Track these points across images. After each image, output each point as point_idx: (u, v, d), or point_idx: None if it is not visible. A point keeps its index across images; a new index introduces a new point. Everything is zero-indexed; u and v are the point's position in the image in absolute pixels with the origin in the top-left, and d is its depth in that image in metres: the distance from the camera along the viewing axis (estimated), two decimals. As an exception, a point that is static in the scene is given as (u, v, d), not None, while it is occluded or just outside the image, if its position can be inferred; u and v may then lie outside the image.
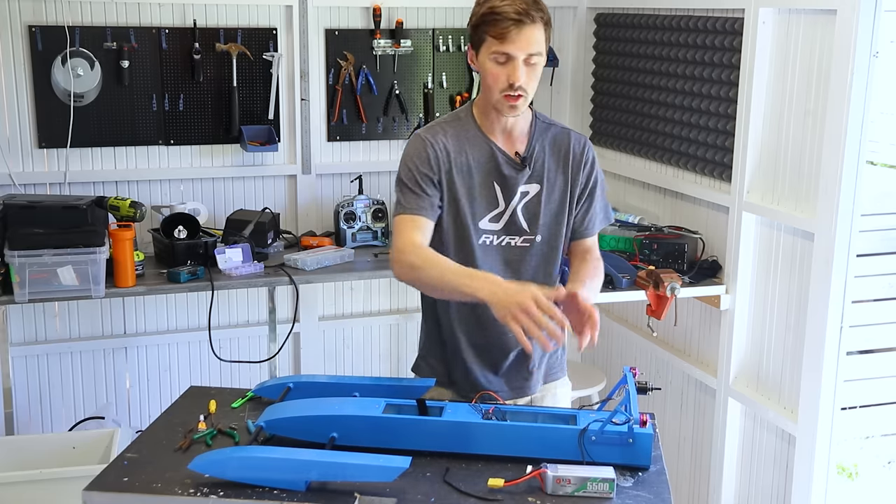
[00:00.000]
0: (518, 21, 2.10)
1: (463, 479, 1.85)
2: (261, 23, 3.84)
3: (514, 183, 2.26)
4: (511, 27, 2.10)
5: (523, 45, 2.12)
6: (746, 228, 3.24)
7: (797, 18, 3.00)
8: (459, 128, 2.29)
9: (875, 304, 4.54)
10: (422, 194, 2.21)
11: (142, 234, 3.60)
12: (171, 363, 4.00)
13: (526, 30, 2.11)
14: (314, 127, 3.96)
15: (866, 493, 4.37)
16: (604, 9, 4.08)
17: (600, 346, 4.29)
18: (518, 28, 2.10)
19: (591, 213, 2.35)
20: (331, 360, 4.21)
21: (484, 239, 2.28)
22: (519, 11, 2.10)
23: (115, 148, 3.74)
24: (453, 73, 4.09)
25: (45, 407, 3.86)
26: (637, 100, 3.86)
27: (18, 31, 3.54)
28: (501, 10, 2.10)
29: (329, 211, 3.99)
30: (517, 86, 2.15)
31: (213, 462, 1.79)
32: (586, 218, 2.35)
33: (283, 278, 3.39)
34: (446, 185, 2.24)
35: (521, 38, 2.11)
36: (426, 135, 2.26)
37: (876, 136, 5.21)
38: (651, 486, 1.85)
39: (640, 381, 2.01)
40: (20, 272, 3.07)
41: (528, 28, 2.11)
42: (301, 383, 2.17)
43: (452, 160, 2.24)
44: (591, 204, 2.34)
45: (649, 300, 3.29)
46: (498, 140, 2.28)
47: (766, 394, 3.24)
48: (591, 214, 2.35)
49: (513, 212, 2.27)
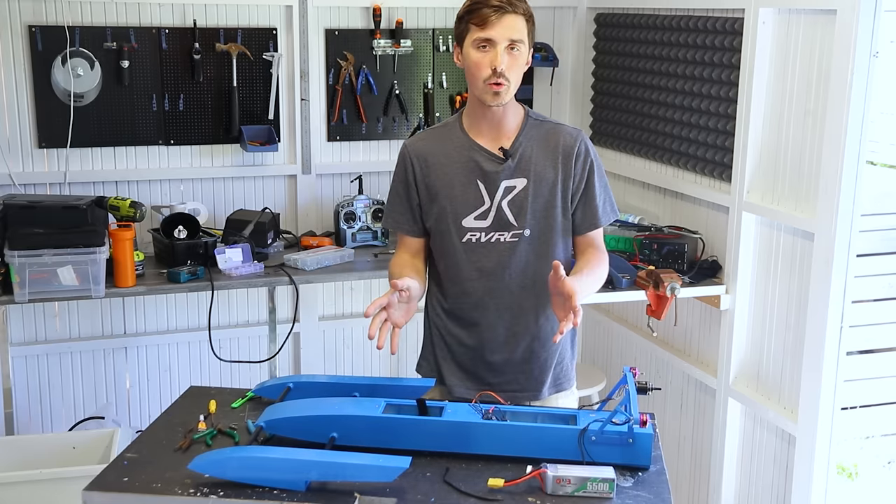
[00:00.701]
0: (499, 8, 2.17)
1: (463, 479, 1.85)
2: (261, 23, 3.84)
3: (496, 178, 2.28)
4: (492, 13, 2.17)
5: (505, 31, 2.18)
6: (746, 228, 3.24)
7: (797, 18, 3.00)
8: (444, 132, 2.36)
9: (875, 304, 4.54)
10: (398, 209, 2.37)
11: (142, 234, 3.60)
12: (171, 363, 4.00)
13: (507, 17, 2.18)
14: (314, 127, 3.96)
15: (866, 493, 4.37)
16: (604, 9, 4.08)
17: (600, 346, 4.29)
18: (499, 15, 2.17)
19: (591, 207, 2.34)
20: (331, 360, 4.21)
21: (469, 237, 2.30)
22: (501, 1, 2.17)
23: (115, 148, 3.74)
24: (453, 73, 4.09)
25: (45, 407, 3.86)
26: (637, 100, 3.86)
27: (18, 31, 3.54)
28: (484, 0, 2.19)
29: (329, 211, 3.99)
30: (499, 71, 2.18)
31: (213, 462, 1.79)
32: (586, 212, 2.34)
33: (283, 278, 3.39)
34: (425, 191, 2.33)
35: (502, 24, 2.18)
36: (405, 146, 2.39)
37: (876, 136, 5.21)
38: (651, 486, 1.85)
39: (640, 381, 2.01)
40: (20, 272, 3.07)
41: (509, 15, 2.18)
42: (301, 383, 2.17)
43: (430, 165, 2.32)
44: (588, 197, 2.33)
45: (649, 300, 3.29)
46: (485, 139, 2.31)
47: (766, 394, 3.24)
48: (590, 208, 2.34)
49: (498, 207, 2.29)
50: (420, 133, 2.43)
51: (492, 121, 2.28)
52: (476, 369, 2.37)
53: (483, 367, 2.36)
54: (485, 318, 2.33)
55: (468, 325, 2.35)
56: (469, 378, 2.37)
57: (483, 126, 2.30)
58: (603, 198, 2.36)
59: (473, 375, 2.37)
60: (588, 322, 4.35)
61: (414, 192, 2.35)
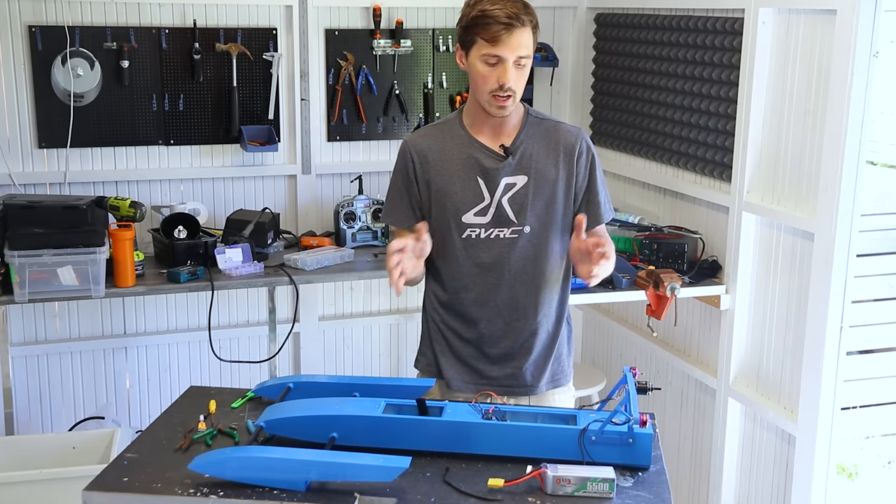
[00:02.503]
0: (509, 25, 2.15)
1: (463, 479, 1.85)
2: (261, 23, 3.84)
3: (496, 175, 2.29)
4: (502, 31, 2.15)
5: (513, 48, 2.17)
6: (746, 228, 3.24)
7: (797, 18, 3.00)
8: (444, 129, 2.37)
9: (875, 304, 4.54)
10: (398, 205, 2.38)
11: (142, 234, 3.60)
12: (171, 363, 4.00)
13: (516, 33, 2.17)
14: (314, 127, 3.96)
15: (866, 493, 4.37)
16: (604, 9, 4.08)
17: (600, 346, 4.29)
18: (509, 32, 2.16)
19: (594, 203, 2.35)
20: (331, 360, 4.21)
21: (469, 233, 2.31)
22: (510, 15, 2.15)
23: (115, 148, 3.74)
24: (453, 73, 4.09)
25: (45, 407, 3.86)
26: (637, 100, 3.86)
27: (18, 31, 3.54)
28: (492, 13, 2.16)
29: (329, 211, 3.99)
30: (507, 87, 2.20)
31: (213, 462, 1.79)
32: (590, 209, 2.34)
33: (283, 278, 3.39)
34: (425, 186, 2.34)
35: (512, 42, 2.17)
36: (406, 141, 2.39)
37: (876, 136, 5.22)
38: (651, 486, 1.85)
39: (640, 381, 2.01)
40: (20, 272, 3.07)
41: (517, 31, 2.17)
42: (301, 383, 2.17)
43: (430, 161, 2.33)
44: (591, 194, 2.34)
45: (649, 300, 3.29)
46: (485, 137, 2.32)
47: (766, 394, 3.24)
48: (593, 205, 2.35)
49: (498, 204, 2.30)
50: (420, 129, 2.44)
51: (494, 120, 2.30)
52: (474, 363, 2.38)
53: (481, 362, 2.37)
54: (483, 313, 2.34)
55: (466, 319, 2.36)
56: (467, 372, 2.39)
57: (484, 124, 2.32)
58: (604, 195, 2.38)
59: (471, 369, 2.38)
60: (588, 322, 4.35)
61: (415, 188, 2.35)
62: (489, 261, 2.32)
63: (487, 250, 2.32)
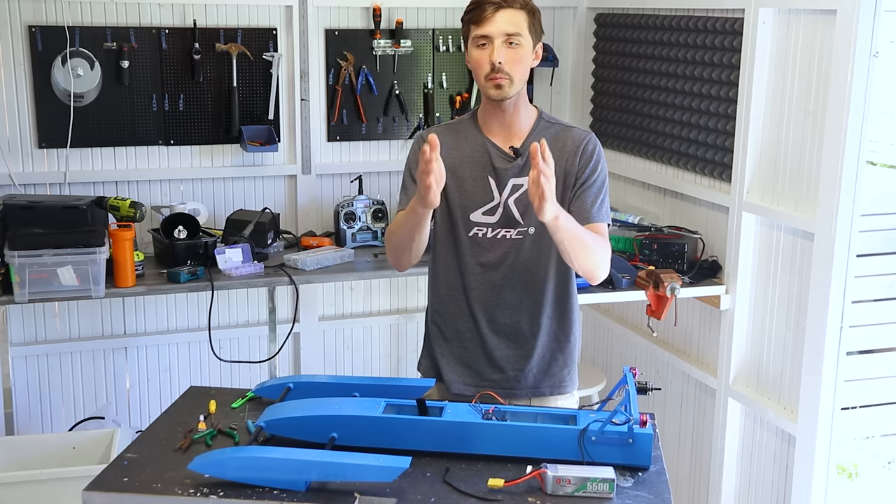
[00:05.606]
0: (497, 5, 2.19)
1: (463, 479, 1.85)
2: (261, 23, 3.84)
3: (504, 175, 2.29)
4: (489, 10, 2.19)
5: (501, 26, 2.19)
6: (746, 228, 3.24)
7: (797, 18, 3.00)
8: (458, 127, 2.37)
9: (875, 304, 4.54)
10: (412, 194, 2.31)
11: (142, 234, 3.60)
12: (171, 363, 4.00)
13: (504, 12, 2.19)
14: (314, 127, 3.96)
15: (866, 493, 4.37)
16: (604, 9, 4.08)
17: (600, 346, 4.29)
18: (495, 10, 2.19)
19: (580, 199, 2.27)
20: (331, 360, 4.21)
21: (475, 231, 2.31)
22: None
23: (115, 148, 3.74)
24: (453, 73, 4.09)
25: (45, 407, 3.86)
26: (637, 100, 3.86)
27: (18, 31, 3.54)
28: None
29: (329, 211, 3.99)
30: (497, 65, 2.19)
31: (213, 462, 1.79)
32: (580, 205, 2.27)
33: (283, 278, 3.39)
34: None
35: (499, 20, 2.19)
36: (421, 135, 2.35)
37: (876, 136, 5.21)
38: (651, 486, 1.85)
39: (640, 381, 2.02)
40: (20, 272, 3.07)
41: (506, 11, 2.20)
42: (301, 383, 2.17)
43: (444, 155, 2.27)
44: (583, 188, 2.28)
45: (649, 300, 3.29)
46: (497, 137, 2.32)
47: (766, 394, 3.24)
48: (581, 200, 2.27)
49: (505, 204, 2.30)
50: (435, 126, 2.46)
51: (504, 120, 2.30)
52: (475, 365, 2.37)
53: (482, 364, 2.37)
54: (485, 313, 2.34)
55: (467, 320, 2.36)
56: (468, 374, 2.38)
57: (495, 124, 2.32)
58: (597, 195, 2.29)
59: (472, 371, 2.38)
60: (588, 322, 4.35)
61: None
62: (493, 260, 2.32)
63: (492, 250, 2.32)
